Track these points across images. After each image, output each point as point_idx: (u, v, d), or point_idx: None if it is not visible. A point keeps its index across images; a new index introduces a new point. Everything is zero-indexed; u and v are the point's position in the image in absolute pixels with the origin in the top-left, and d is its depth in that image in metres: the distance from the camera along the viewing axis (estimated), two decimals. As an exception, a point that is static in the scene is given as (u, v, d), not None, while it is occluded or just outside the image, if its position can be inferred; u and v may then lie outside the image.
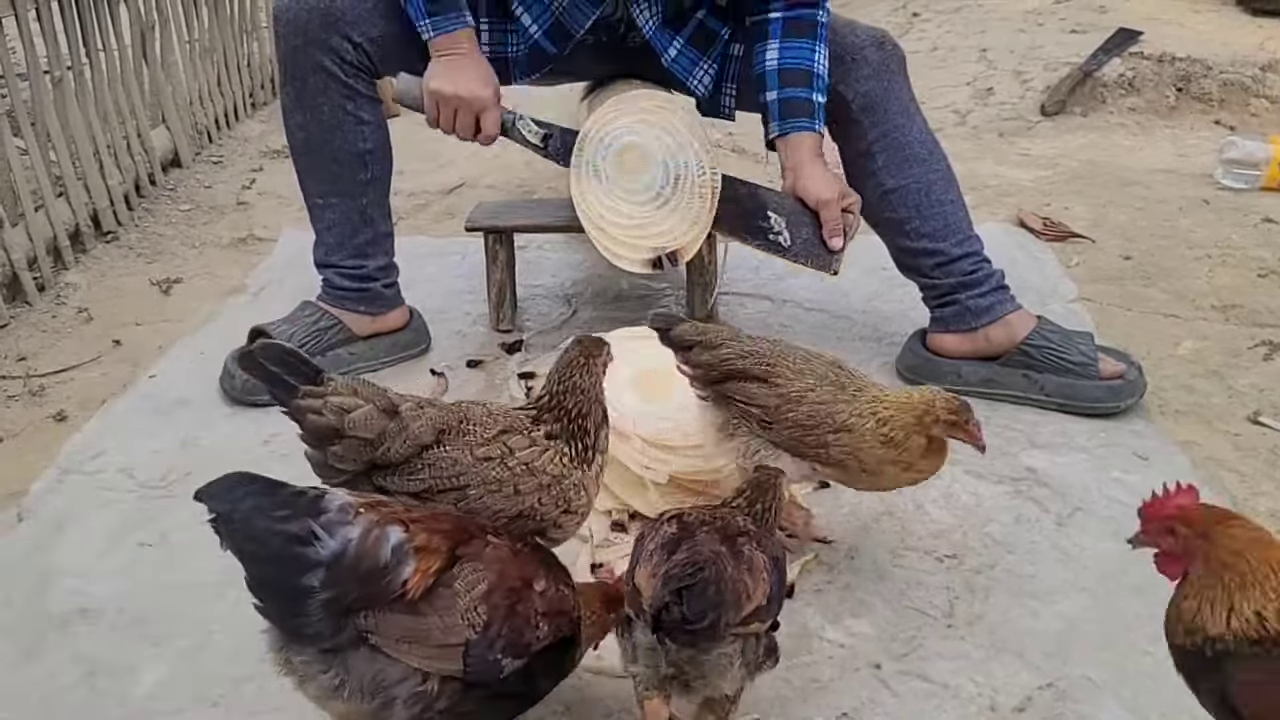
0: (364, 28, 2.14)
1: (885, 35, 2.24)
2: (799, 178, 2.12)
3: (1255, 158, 3.31)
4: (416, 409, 1.39)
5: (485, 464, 1.37)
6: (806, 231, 2.14)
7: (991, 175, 3.54)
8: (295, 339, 2.25)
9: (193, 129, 3.87)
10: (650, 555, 1.27)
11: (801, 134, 2.12)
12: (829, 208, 2.10)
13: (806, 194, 2.12)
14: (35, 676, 1.54)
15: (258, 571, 1.10)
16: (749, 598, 1.23)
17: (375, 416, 1.34)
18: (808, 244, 2.14)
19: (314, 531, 1.09)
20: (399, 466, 1.35)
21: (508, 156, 3.91)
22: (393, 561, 1.13)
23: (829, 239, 2.12)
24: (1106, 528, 1.80)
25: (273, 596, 1.11)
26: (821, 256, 2.13)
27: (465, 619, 1.17)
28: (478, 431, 1.40)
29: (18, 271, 2.72)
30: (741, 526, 1.34)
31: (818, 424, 1.59)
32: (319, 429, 1.32)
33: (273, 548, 1.09)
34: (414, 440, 1.35)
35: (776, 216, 2.15)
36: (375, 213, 2.31)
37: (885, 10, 5.55)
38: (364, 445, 1.33)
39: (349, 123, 2.20)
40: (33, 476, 2.01)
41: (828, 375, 1.63)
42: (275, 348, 1.34)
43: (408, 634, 1.14)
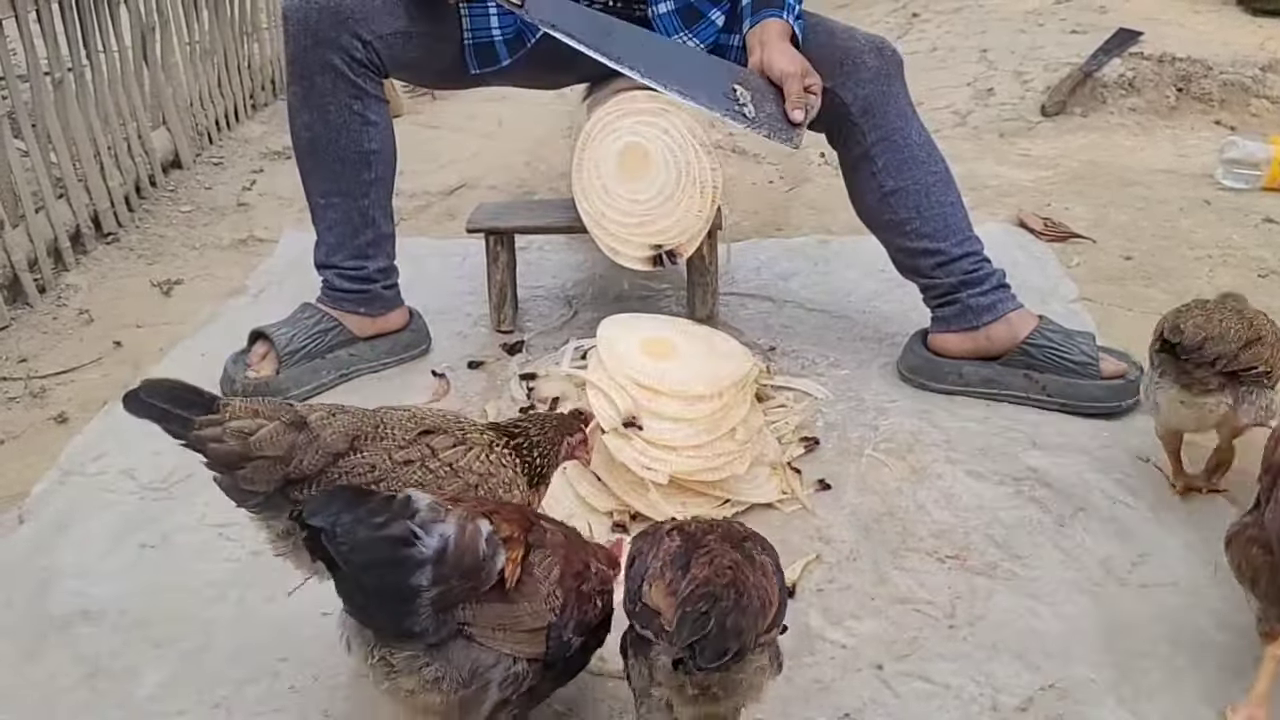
0: (374, 25, 2.14)
1: (884, 41, 2.25)
2: (765, 53, 2.12)
3: (1256, 158, 3.31)
4: (327, 417, 1.36)
5: (405, 467, 1.35)
6: (770, 106, 2.12)
7: (992, 175, 3.54)
8: (296, 341, 2.26)
9: (193, 130, 3.87)
10: (662, 571, 1.20)
11: (771, 19, 2.15)
12: (792, 80, 2.08)
13: (771, 68, 2.11)
14: (36, 677, 1.54)
15: (366, 578, 1.11)
16: (770, 604, 1.19)
17: (282, 432, 1.31)
18: (771, 117, 2.11)
19: (414, 532, 1.11)
20: (314, 478, 1.33)
21: (509, 159, 3.91)
22: (489, 553, 1.16)
23: (791, 112, 2.09)
24: (1109, 528, 1.80)
25: (382, 600, 1.12)
26: (784, 130, 2.11)
27: (547, 603, 1.22)
28: (396, 435, 1.37)
29: (18, 273, 2.72)
30: (743, 531, 1.31)
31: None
32: (224, 456, 1.30)
33: (379, 553, 1.10)
34: (326, 449, 1.33)
35: (742, 89, 2.12)
36: (377, 214, 2.31)
37: (885, 10, 5.56)
38: (274, 464, 1.31)
39: (356, 122, 2.20)
40: (34, 478, 2.01)
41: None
42: (160, 384, 1.33)
43: (502, 621, 1.18)
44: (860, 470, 1.99)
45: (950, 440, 2.06)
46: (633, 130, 2.19)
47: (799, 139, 2.11)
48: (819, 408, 2.19)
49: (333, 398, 2.27)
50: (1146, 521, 1.82)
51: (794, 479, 1.94)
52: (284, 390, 2.22)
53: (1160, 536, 1.78)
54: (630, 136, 2.19)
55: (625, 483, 1.83)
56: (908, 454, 2.02)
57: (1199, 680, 1.49)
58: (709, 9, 2.29)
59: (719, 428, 1.86)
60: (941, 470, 1.97)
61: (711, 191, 2.20)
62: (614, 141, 2.19)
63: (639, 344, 1.97)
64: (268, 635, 1.60)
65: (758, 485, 1.91)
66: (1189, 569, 1.70)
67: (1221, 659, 1.53)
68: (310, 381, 2.27)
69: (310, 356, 2.27)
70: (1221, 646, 1.55)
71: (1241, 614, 1.60)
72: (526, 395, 2.23)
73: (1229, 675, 1.50)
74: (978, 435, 2.08)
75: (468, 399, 2.27)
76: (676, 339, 2.02)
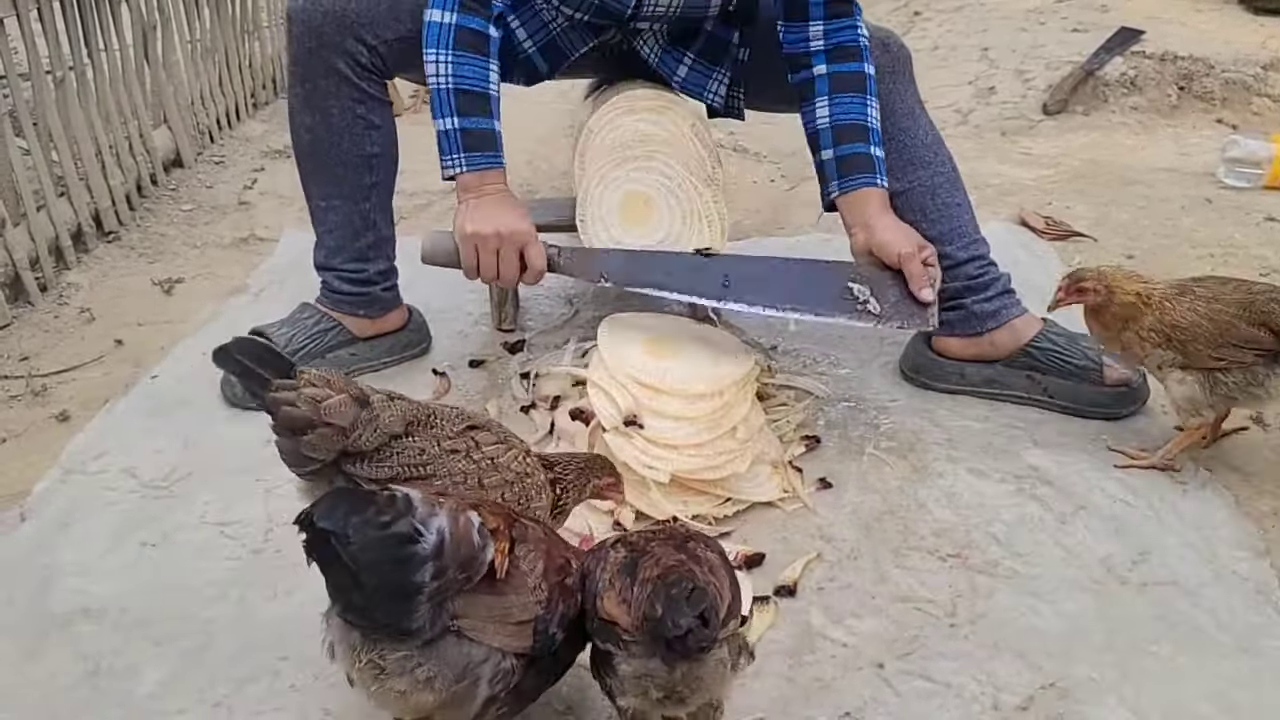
0: (379, 30, 2.13)
1: (891, 36, 2.21)
2: (873, 234, 2.00)
3: (1257, 156, 3.30)
4: (387, 401, 1.43)
5: (451, 456, 1.42)
6: (893, 293, 1.99)
7: (993, 174, 3.54)
8: (296, 341, 2.25)
9: (194, 129, 3.87)
10: (610, 583, 1.22)
11: (866, 190, 2.01)
12: (911, 261, 1.97)
13: (885, 250, 1.98)
14: (37, 676, 1.55)
15: (371, 577, 1.10)
16: (722, 598, 1.21)
17: (349, 405, 1.37)
18: (898, 305, 1.99)
19: (416, 528, 1.12)
20: (368, 455, 1.38)
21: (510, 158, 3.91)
22: (481, 543, 1.18)
23: (919, 293, 1.97)
24: (1109, 527, 1.80)
25: (386, 599, 1.12)
26: (916, 314, 1.99)
27: (533, 595, 1.23)
28: (445, 426, 1.45)
29: (20, 271, 2.72)
30: (686, 533, 1.33)
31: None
32: (293, 420, 1.35)
33: (387, 552, 1.11)
34: (384, 429, 1.39)
35: (859, 286, 2.00)
36: (378, 216, 2.31)
37: (887, 9, 5.56)
38: (337, 433, 1.36)
39: (358, 126, 2.19)
40: (35, 476, 2.01)
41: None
42: (250, 342, 1.38)
43: (491, 613, 1.19)
44: (861, 469, 1.99)
45: (951, 439, 2.06)
46: (629, 179, 2.16)
47: (935, 317, 1.99)
48: (820, 406, 2.19)
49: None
50: (1147, 520, 1.82)
51: (795, 477, 1.94)
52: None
53: (1161, 535, 1.78)
54: (629, 185, 2.16)
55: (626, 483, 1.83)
56: (909, 452, 2.02)
57: (1200, 679, 1.49)
58: (729, 34, 2.26)
59: (720, 426, 1.86)
60: (943, 469, 1.97)
61: (719, 223, 2.17)
62: (613, 193, 2.16)
63: (640, 343, 1.97)
64: (268, 634, 1.60)
65: (759, 484, 1.90)
66: (1189, 567, 1.70)
67: (1221, 657, 1.53)
68: None
69: (310, 356, 2.27)
70: (1221, 645, 1.55)
71: (1242, 613, 1.60)
72: (528, 394, 2.23)
73: (1229, 673, 1.50)
74: (979, 434, 2.08)
75: (469, 398, 2.27)
76: (677, 337, 2.01)
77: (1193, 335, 1.80)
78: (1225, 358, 1.79)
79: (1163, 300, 1.83)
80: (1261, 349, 1.78)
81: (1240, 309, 1.79)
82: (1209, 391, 1.82)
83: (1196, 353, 1.80)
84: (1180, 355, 1.82)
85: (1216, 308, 1.80)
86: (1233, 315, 1.79)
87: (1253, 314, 1.78)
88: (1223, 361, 1.79)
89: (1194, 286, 1.84)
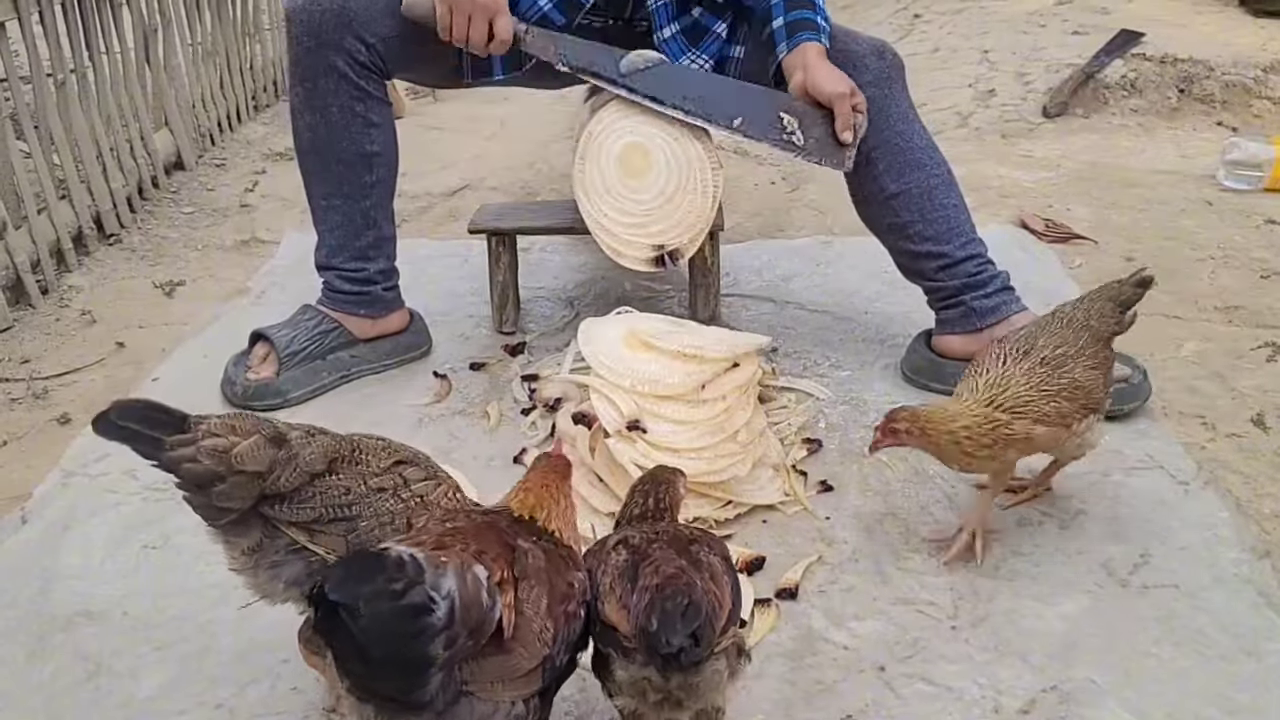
0: (377, 28, 2.14)
1: (885, 44, 2.26)
2: (809, 74, 2.12)
3: (1258, 159, 3.30)
4: (306, 437, 1.35)
5: (379, 495, 1.33)
6: (818, 130, 2.15)
7: (993, 177, 3.54)
8: (296, 343, 2.26)
9: (195, 131, 3.88)
10: (611, 588, 1.22)
11: (808, 43, 2.15)
12: (841, 101, 2.10)
13: (818, 90, 2.11)
14: (39, 678, 1.55)
15: (384, 652, 1.02)
16: (721, 606, 1.20)
17: (262, 447, 1.29)
18: (820, 142, 2.15)
19: (430, 597, 1.04)
20: (288, 496, 1.30)
21: (511, 160, 3.92)
22: (490, 603, 1.10)
23: (840, 133, 2.12)
24: (1109, 530, 1.80)
25: (395, 673, 1.05)
26: (834, 153, 2.15)
27: (540, 640, 1.16)
28: (372, 462, 1.36)
29: (21, 274, 2.72)
30: (689, 534, 1.32)
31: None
32: (198, 476, 1.26)
33: (399, 626, 1.03)
34: (305, 468, 1.31)
35: (789, 117, 2.15)
36: (379, 215, 2.31)
37: (887, 12, 5.56)
38: (253, 479, 1.28)
39: (357, 124, 2.20)
40: (36, 479, 2.01)
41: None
42: (130, 405, 1.30)
43: (500, 674, 1.13)
44: (862, 471, 1.99)
45: (952, 441, 2.06)
46: (634, 130, 2.19)
47: (850, 160, 2.15)
48: (821, 409, 2.19)
49: (333, 399, 2.27)
50: (1147, 523, 1.82)
51: (796, 480, 1.94)
52: (284, 392, 2.23)
53: (1161, 538, 1.78)
54: (631, 136, 2.19)
55: (627, 484, 1.83)
56: (910, 455, 2.02)
57: (1201, 681, 1.49)
58: (713, 23, 2.30)
59: (722, 430, 1.86)
60: (943, 471, 1.96)
61: (713, 191, 2.20)
62: (615, 141, 2.19)
63: (620, 338, 1.98)
64: (270, 637, 1.60)
65: (760, 487, 1.91)
66: (1190, 570, 1.70)
67: (1223, 660, 1.53)
68: (310, 383, 2.27)
69: (311, 358, 2.27)
70: (1223, 647, 1.55)
71: (1244, 616, 1.60)
72: (529, 397, 2.23)
73: (1230, 676, 1.50)
74: (980, 436, 2.07)
75: (470, 400, 2.27)
76: (667, 326, 2.02)
77: (1019, 406, 1.66)
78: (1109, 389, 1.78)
79: (986, 431, 1.64)
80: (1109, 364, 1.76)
81: (1050, 369, 1.68)
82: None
83: (1099, 399, 1.74)
84: (1088, 410, 1.73)
85: (1029, 371, 1.67)
86: (1092, 354, 1.73)
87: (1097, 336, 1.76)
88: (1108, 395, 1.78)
89: (1038, 358, 1.69)
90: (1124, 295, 1.79)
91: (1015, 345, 1.72)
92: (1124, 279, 1.82)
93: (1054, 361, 1.69)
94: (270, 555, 1.32)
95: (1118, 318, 1.77)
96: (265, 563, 1.32)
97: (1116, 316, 1.77)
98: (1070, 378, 1.68)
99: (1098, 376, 1.72)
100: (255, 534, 1.31)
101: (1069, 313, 1.77)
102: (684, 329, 2.02)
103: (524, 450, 2.06)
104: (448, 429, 2.17)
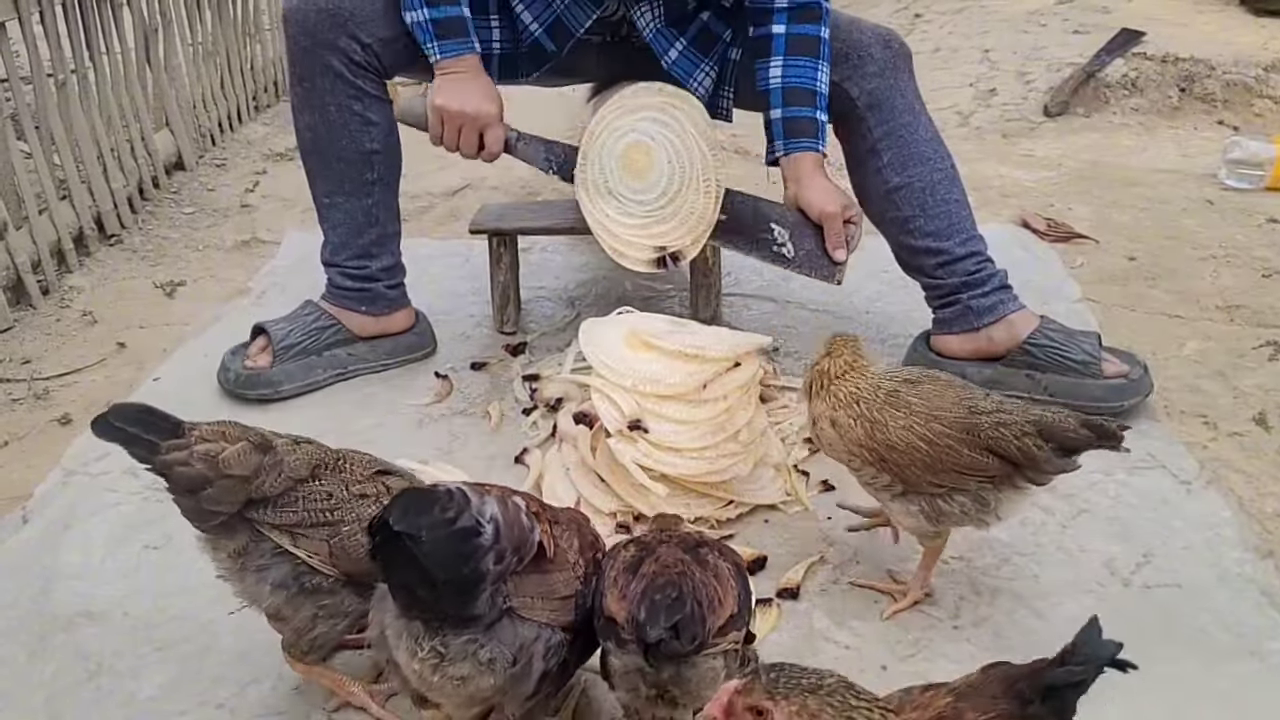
0: (373, 28, 2.14)
1: (892, 33, 2.24)
2: (801, 189, 2.15)
3: (1259, 158, 3.30)
4: (291, 445, 1.40)
5: (361, 501, 1.38)
6: (810, 243, 2.17)
7: (995, 176, 3.54)
8: (292, 337, 2.28)
9: (196, 132, 3.88)
10: (615, 580, 1.26)
11: (805, 153, 2.15)
12: (833, 220, 2.13)
13: (810, 206, 2.14)
14: (40, 678, 1.55)
15: (445, 573, 1.13)
16: (721, 603, 1.22)
17: (249, 453, 1.34)
18: (811, 255, 2.17)
19: (477, 520, 1.14)
20: (273, 500, 1.35)
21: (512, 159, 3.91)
22: (529, 525, 1.21)
23: (833, 251, 2.15)
24: (1112, 530, 1.80)
25: (455, 591, 1.14)
26: (825, 267, 2.17)
27: (574, 570, 1.27)
28: (355, 470, 1.41)
29: (22, 275, 2.72)
30: (700, 538, 1.34)
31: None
32: (190, 479, 1.32)
33: (457, 549, 1.13)
34: (289, 474, 1.35)
35: (780, 228, 2.18)
36: (381, 213, 2.32)
37: (888, 11, 5.55)
38: (239, 483, 1.33)
39: (355, 123, 2.20)
40: (37, 479, 2.01)
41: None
42: (128, 408, 1.35)
43: (540, 590, 1.22)
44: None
45: (954, 441, 2.05)
46: (635, 128, 2.18)
47: (842, 274, 2.17)
48: (822, 408, 2.18)
49: (334, 399, 2.27)
50: (1149, 523, 1.81)
51: (798, 480, 1.94)
52: (276, 383, 2.24)
53: (1164, 537, 1.78)
54: (633, 135, 2.18)
55: (628, 484, 1.83)
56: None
57: (1204, 681, 1.49)
58: (722, 30, 2.29)
59: (723, 430, 1.86)
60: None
61: (715, 191, 2.19)
62: (617, 140, 2.19)
63: (621, 339, 1.98)
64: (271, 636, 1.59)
65: (761, 486, 1.90)
66: (1193, 570, 1.70)
67: (1225, 660, 1.52)
68: (304, 378, 2.28)
69: (306, 353, 2.28)
70: (1224, 647, 1.55)
71: (1247, 615, 1.60)
72: (530, 397, 2.22)
73: (1233, 676, 1.49)
74: (981, 436, 2.07)
75: (471, 400, 2.27)
76: (668, 326, 2.02)
77: (909, 459, 1.52)
78: (947, 483, 1.52)
79: (873, 412, 1.54)
80: (987, 476, 1.51)
81: (960, 431, 1.51)
82: (934, 520, 1.55)
83: (914, 478, 1.53)
84: (899, 480, 1.55)
85: (926, 426, 1.51)
86: (954, 440, 1.50)
87: (977, 439, 1.50)
88: (942, 488, 1.53)
89: (908, 395, 1.55)
90: (1068, 440, 1.48)
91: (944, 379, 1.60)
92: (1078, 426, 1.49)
93: (921, 409, 1.53)
94: (256, 559, 1.36)
95: (1039, 450, 1.48)
96: (252, 566, 1.36)
97: (1037, 448, 1.48)
98: (892, 439, 1.52)
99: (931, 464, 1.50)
100: (241, 538, 1.36)
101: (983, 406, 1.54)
102: (685, 329, 2.01)
103: (525, 450, 2.06)
104: (449, 429, 2.17)
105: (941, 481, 1.52)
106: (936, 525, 1.57)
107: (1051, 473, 1.51)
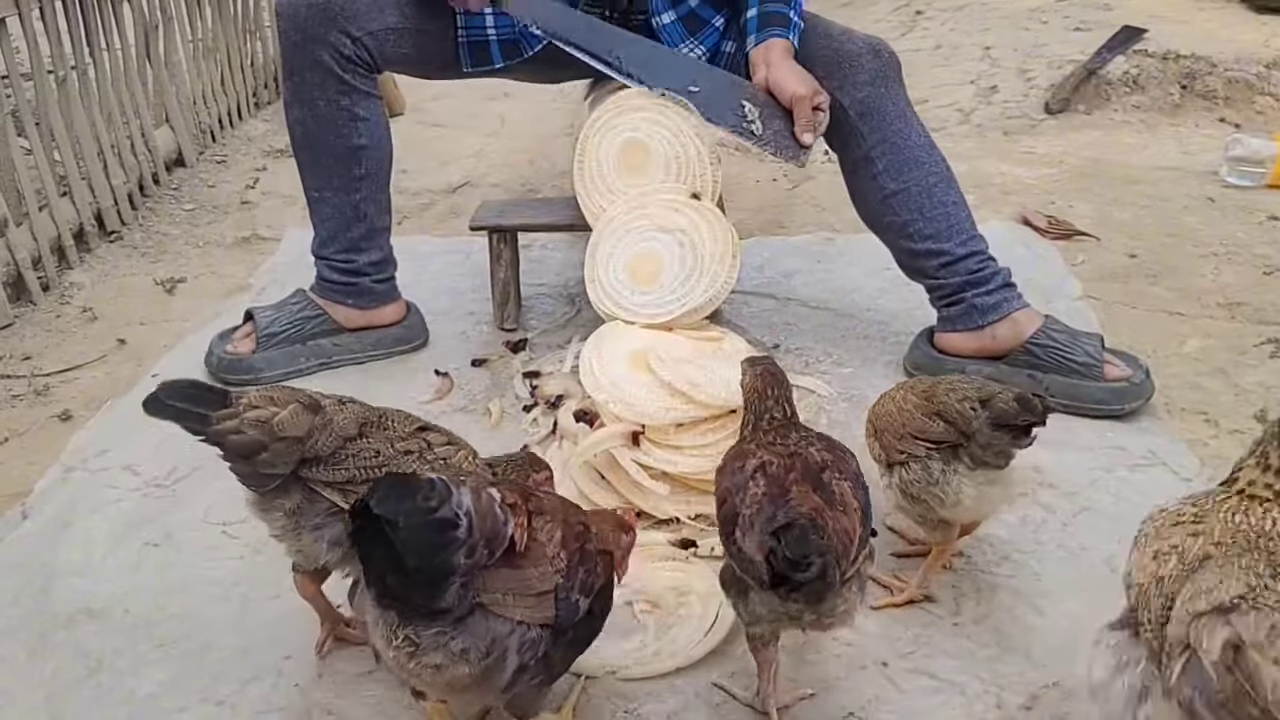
0: (363, 22, 2.15)
1: (881, 43, 2.25)
2: (772, 72, 2.15)
3: (1260, 155, 3.30)
4: (338, 405, 1.45)
5: (405, 457, 1.43)
6: (778, 124, 2.16)
7: (995, 173, 3.53)
8: (276, 325, 2.31)
9: (196, 128, 3.87)
10: (751, 522, 1.30)
11: (776, 39, 2.17)
12: (802, 104, 2.12)
13: (780, 89, 2.14)
14: (40, 675, 1.55)
15: (416, 561, 1.13)
16: (851, 540, 1.28)
17: (301, 413, 1.39)
18: (779, 135, 2.16)
19: (456, 511, 1.14)
20: (325, 459, 1.39)
21: (511, 157, 3.91)
22: (502, 518, 1.20)
23: (800, 134, 2.14)
24: (1113, 526, 1.80)
25: (424, 581, 1.15)
26: (791, 149, 2.16)
27: (552, 565, 1.25)
28: (397, 427, 1.47)
29: (22, 271, 2.72)
30: (819, 459, 1.38)
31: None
32: (244, 446, 1.36)
33: (432, 539, 1.13)
34: (339, 432, 1.41)
35: (751, 106, 2.16)
36: (369, 208, 2.32)
37: (888, 8, 5.55)
38: (294, 444, 1.37)
39: (343, 118, 2.22)
40: (37, 475, 2.01)
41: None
42: (177, 385, 1.39)
43: (511, 586, 1.21)
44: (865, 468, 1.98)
45: (954, 438, 2.05)
46: (633, 127, 2.19)
47: (806, 158, 2.16)
48: (823, 405, 2.18)
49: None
50: (1151, 520, 1.81)
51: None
52: (257, 369, 2.27)
53: (1165, 535, 1.77)
54: (630, 133, 2.19)
55: (628, 481, 1.83)
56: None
57: (1204, 679, 1.49)
58: (711, 15, 2.30)
59: (725, 428, 1.86)
60: (945, 468, 1.96)
61: (712, 188, 2.19)
62: (614, 138, 2.19)
63: (624, 356, 1.97)
64: (271, 633, 1.60)
65: (761, 483, 1.90)
66: (1194, 567, 1.69)
67: (1227, 657, 1.52)
68: (285, 365, 2.30)
69: (290, 341, 2.30)
70: (1227, 645, 1.54)
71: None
72: (530, 394, 2.22)
73: (1234, 674, 1.49)
74: (982, 433, 2.07)
75: (471, 397, 2.26)
76: (691, 350, 2.01)
77: (886, 424, 1.64)
78: (905, 450, 1.59)
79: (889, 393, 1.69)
80: (930, 441, 1.57)
81: (921, 398, 1.61)
82: (898, 491, 1.62)
83: (887, 444, 1.63)
84: (880, 447, 1.65)
85: (904, 395, 1.64)
86: (913, 405, 1.60)
87: (929, 403, 1.59)
88: (903, 455, 1.60)
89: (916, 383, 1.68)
90: (998, 407, 1.50)
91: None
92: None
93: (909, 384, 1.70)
94: (312, 518, 1.41)
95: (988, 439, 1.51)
96: (308, 525, 1.41)
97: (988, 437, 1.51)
98: (880, 408, 1.69)
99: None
100: (296, 497, 1.40)
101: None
102: (704, 356, 1.99)
103: (525, 447, 2.05)
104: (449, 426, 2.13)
105: (903, 448, 1.60)
106: (900, 498, 1.62)
107: (990, 449, 1.52)
